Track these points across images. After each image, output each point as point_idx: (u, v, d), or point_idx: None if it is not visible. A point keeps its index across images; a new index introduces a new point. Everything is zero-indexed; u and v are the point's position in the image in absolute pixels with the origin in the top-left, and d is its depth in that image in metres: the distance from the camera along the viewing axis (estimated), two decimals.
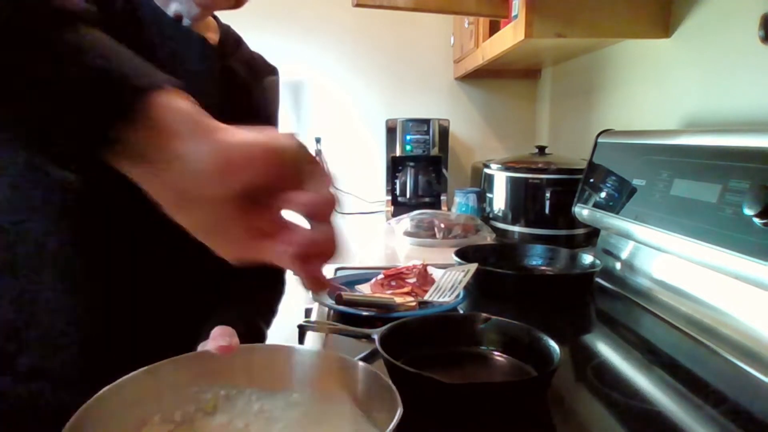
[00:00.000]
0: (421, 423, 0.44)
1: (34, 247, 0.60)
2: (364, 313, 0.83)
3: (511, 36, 1.19)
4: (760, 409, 0.61)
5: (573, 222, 1.21)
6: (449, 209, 1.80)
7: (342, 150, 2.11)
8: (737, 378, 0.67)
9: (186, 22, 0.67)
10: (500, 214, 1.42)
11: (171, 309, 0.68)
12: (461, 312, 0.87)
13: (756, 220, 0.65)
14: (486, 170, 1.48)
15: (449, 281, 0.90)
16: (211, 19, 0.79)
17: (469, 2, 1.26)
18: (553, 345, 0.62)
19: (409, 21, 2.03)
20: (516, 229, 1.38)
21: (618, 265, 1.02)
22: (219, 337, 0.51)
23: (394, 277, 0.98)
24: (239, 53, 0.80)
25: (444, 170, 1.87)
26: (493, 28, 1.44)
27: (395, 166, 1.86)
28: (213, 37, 0.75)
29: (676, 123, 1.10)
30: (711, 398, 0.62)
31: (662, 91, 1.17)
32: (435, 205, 1.85)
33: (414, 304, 0.86)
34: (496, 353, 0.68)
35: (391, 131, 1.85)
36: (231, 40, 0.79)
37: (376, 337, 0.69)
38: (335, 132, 2.10)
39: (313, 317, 0.89)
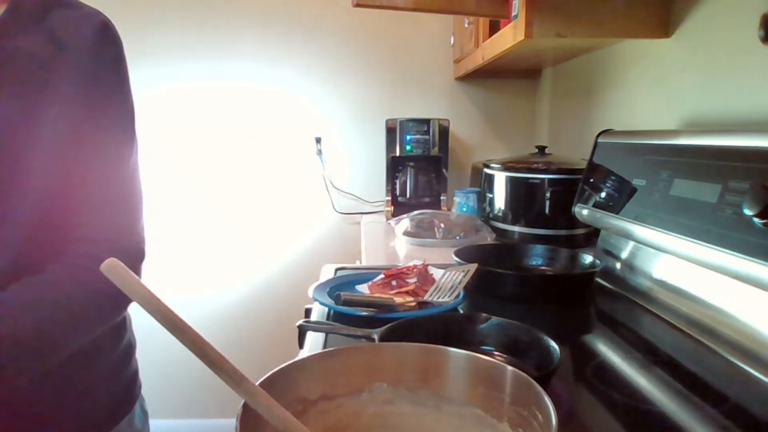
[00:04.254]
0: None
1: None
2: (364, 313, 0.83)
3: (511, 36, 1.19)
4: (760, 409, 0.61)
5: (573, 222, 1.20)
6: (449, 209, 1.80)
7: (342, 150, 2.11)
8: (737, 378, 0.67)
9: None
10: (500, 214, 1.42)
11: None
12: (461, 312, 0.87)
13: (756, 220, 0.65)
14: (486, 170, 1.48)
15: (449, 281, 0.90)
16: None
17: (469, 2, 1.26)
18: (553, 345, 0.62)
19: (409, 21, 2.04)
20: (516, 229, 1.38)
21: (618, 265, 1.02)
22: None
23: (395, 276, 0.98)
24: (36, 26, 0.67)
25: (444, 170, 1.87)
26: (493, 28, 1.44)
27: (395, 166, 1.86)
28: None
29: (676, 123, 1.10)
30: (711, 398, 0.62)
31: (662, 91, 1.17)
32: (435, 205, 1.85)
33: (414, 304, 0.86)
34: (496, 353, 0.68)
35: (391, 131, 1.85)
36: (25, 13, 0.67)
37: (376, 337, 0.69)
38: (335, 132, 2.10)
39: (313, 317, 0.89)
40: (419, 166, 1.85)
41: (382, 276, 0.99)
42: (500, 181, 1.42)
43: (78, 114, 0.67)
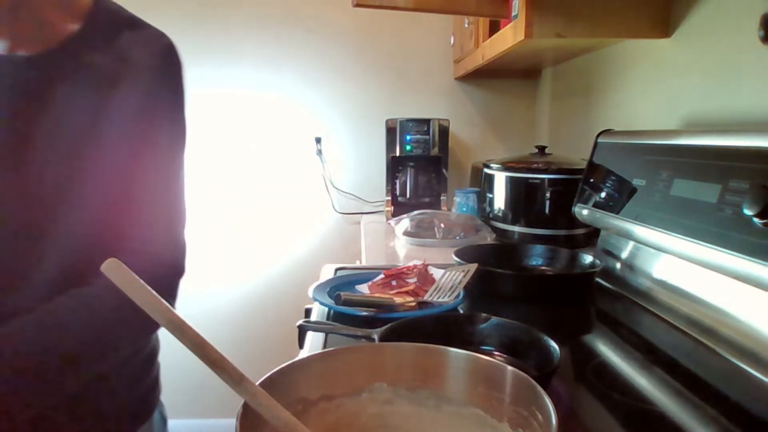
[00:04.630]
0: None
1: None
2: (364, 313, 0.83)
3: (511, 36, 1.19)
4: (760, 409, 0.61)
5: (573, 222, 1.20)
6: (449, 209, 1.80)
7: (342, 150, 2.11)
8: (737, 378, 0.67)
9: None
10: (500, 214, 1.42)
11: None
12: (461, 312, 0.87)
13: (756, 220, 0.65)
14: (486, 170, 1.48)
15: (449, 281, 0.90)
16: (71, 5, 0.69)
17: (469, 2, 1.26)
18: (553, 345, 0.62)
19: (409, 21, 2.04)
20: (516, 229, 1.38)
21: (618, 265, 1.02)
22: None
23: (395, 276, 0.98)
24: (107, 44, 0.70)
25: (444, 170, 1.87)
26: (493, 28, 1.44)
27: (395, 166, 1.86)
28: (68, 27, 0.68)
29: (676, 123, 1.10)
30: (711, 398, 0.62)
31: (662, 91, 1.17)
32: (435, 205, 1.85)
33: (414, 304, 0.86)
34: (496, 353, 0.68)
35: (391, 131, 1.85)
36: (98, 31, 0.70)
37: (376, 337, 0.69)
38: (335, 132, 2.10)
39: (313, 317, 0.89)
40: (419, 166, 1.85)
41: (382, 276, 0.99)
42: (500, 181, 1.42)
43: (137, 129, 0.69)
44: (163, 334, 0.38)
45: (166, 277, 0.70)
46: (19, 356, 0.58)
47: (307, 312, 0.93)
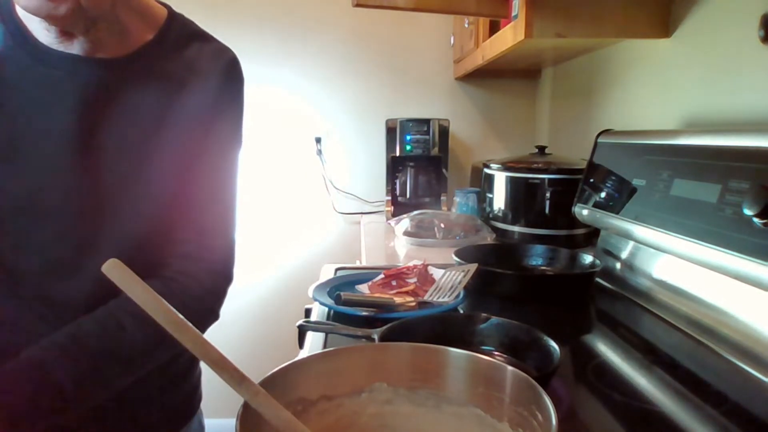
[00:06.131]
0: None
1: None
2: (364, 313, 0.83)
3: (511, 36, 1.19)
4: (760, 409, 0.61)
5: (573, 222, 1.20)
6: (449, 209, 1.80)
7: (342, 150, 2.11)
8: (737, 378, 0.67)
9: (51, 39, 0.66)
10: (500, 214, 1.42)
11: None
12: (461, 312, 0.87)
13: (756, 220, 0.65)
14: (486, 170, 1.48)
15: (449, 281, 0.90)
16: (150, 17, 0.73)
17: (469, 2, 1.26)
18: (553, 345, 0.62)
19: (409, 21, 2.04)
20: (516, 229, 1.38)
21: (618, 265, 1.02)
22: None
23: (395, 276, 0.98)
24: (177, 53, 0.74)
25: (444, 170, 1.87)
26: (493, 28, 1.44)
27: (395, 166, 1.86)
28: (144, 36, 0.72)
29: (676, 123, 1.10)
30: (711, 398, 0.62)
31: (662, 91, 1.17)
32: (435, 205, 1.85)
33: (414, 304, 0.86)
34: (496, 353, 0.68)
35: (391, 131, 1.85)
36: (169, 41, 0.74)
37: (376, 337, 0.69)
38: (335, 132, 2.10)
39: (313, 317, 0.89)
40: (419, 166, 1.85)
41: (382, 276, 0.99)
42: (500, 181, 1.42)
43: (197, 131, 0.72)
44: None
45: (217, 284, 0.73)
46: (73, 355, 0.58)
47: (307, 312, 0.94)
